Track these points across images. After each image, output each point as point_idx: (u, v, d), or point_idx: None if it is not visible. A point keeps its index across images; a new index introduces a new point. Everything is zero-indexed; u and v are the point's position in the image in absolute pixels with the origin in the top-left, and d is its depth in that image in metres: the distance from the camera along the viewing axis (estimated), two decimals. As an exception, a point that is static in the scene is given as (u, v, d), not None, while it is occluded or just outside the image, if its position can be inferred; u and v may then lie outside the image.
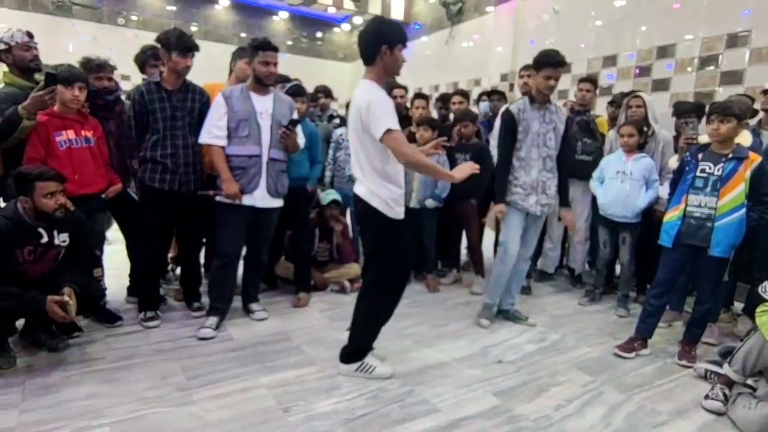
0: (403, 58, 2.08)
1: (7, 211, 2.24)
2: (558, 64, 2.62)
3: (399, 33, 2.03)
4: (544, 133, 2.76)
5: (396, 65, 2.07)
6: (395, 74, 2.13)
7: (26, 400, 1.98)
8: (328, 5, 8.51)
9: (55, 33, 7.93)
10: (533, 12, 6.04)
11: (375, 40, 2.01)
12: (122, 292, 3.11)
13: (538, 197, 2.79)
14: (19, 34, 2.64)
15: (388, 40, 2.00)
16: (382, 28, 2.03)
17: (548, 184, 2.81)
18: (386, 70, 2.07)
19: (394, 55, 2.03)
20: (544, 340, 2.86)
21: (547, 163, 2.79)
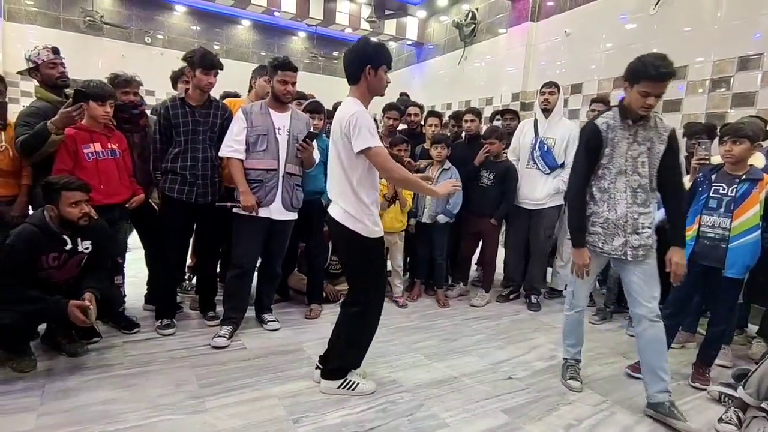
0: (388, 79, 2.11)
1: (34, 219, 2.33)
2: (661, 77, 1.98)
3: (383, 54, 2.07)
4: (634, 157, 2.15)
5: (380, 85, 2.09)
6: (379, 94, 2.14)
7: (45, 403, 2.04)
8: (345, 26, 8.73)
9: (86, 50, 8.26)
10: (545, 34, 6.14)
11: (359, 60, 2.05)
12: (140, 300, 3.18)
13: (627, 238, 2.19)
14: (45, 52, 2.74)
15: (372, 61, 2.03)
16: (367, 49, 2.06)
17: (641, 221, 2.18)
18: (370, 90, 2.10)
19: (378, 75, 2.06)
20: (554, 357, 2.84)
21: (639, 195, 2.17)
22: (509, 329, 3.29)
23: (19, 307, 2.15)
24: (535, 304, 3.71)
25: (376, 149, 1.96)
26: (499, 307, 3.76)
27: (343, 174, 2.08)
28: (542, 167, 3.54)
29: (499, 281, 4.29)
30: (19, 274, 2.20)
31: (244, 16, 9.59)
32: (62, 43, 3.25)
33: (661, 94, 2.05)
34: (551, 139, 3.53)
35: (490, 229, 3.70)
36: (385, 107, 4.06)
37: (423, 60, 9.22)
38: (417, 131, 4.10)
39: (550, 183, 3.55)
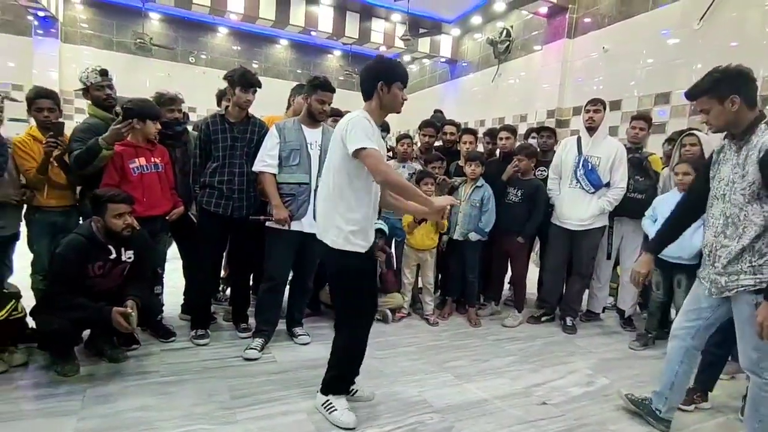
0: (404, 96, 2.08)
1: (82, 229, 2.45)
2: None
3: (397, 71, 2.05)
4: (732, 182, 1.90)
5: (395, 102, 2.06)
6: (395, 111, 2.11)
7: (85, 407, 2.11)
8: (379, 44, 8.90)
9: (136, 70, 8.76)
10: (581, 51, 6.06)
11: (372, 76, 2.03)
12: (177, 309, 3.28)
13: (706, 269, 2.03)
14: (93, 75, 2.87)
15: (384, 77, 2.02)
16: (379, 66, 2.06)
17: (719, 254, 1.94)
18: (384, 106, 2.07)
19: (392, 92, 2.04)
20: (591, 384, 2.73)
21: (729, 226, 1.91)
22: (543, 352, 3.19)
23: (66, 313, 2.26)
24: (571, 327, 3.58)
25: (369, 150, 1.89)
26: (532, 329, 3.65)
27: (333, 181, 2.03)
28: (586, 186, 3.42)
29: (530, 301, 4.18)
30: (68, 281, 2.31)
31: (283, 36, 9.94)
32: (114, 63, 3.48)
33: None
34: (596, 157, 3.42)
35: (517, 248, 3.63)
36: (422, 124, 4.09)
37: (456, 77, 9.25)
38: (453, 149, 4.10)
39: (594, 203, 3.41)
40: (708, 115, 1.94)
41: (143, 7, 8.50)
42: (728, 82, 1.86)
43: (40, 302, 2.47)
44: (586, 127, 3.48)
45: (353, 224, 2.01)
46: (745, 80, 1.87)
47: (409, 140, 3.88)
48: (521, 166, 3.54)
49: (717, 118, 1.92)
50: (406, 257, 3.64)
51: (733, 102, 1.85)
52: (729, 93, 1.85)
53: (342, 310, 2.21)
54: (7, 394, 2.16)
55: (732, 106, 1.85)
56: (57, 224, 2.75)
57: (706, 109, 1.94)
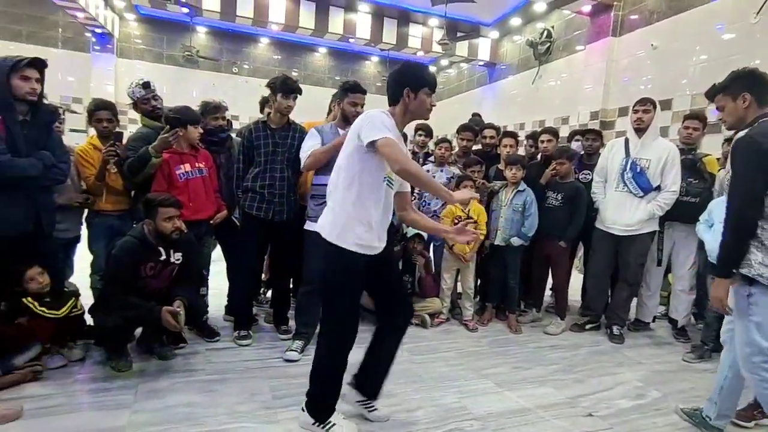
0: (432, 102, 2.00)
1: (135, 232, 2.58)
2: None
3: (424, 77, 1.99)
4: None
5: (422, 108, 1.98)
6: (422, 117, 2.04)
7: (137, 402, 2.21)
8: (417, 49, 8.91)
9: (183, 81, 9.19)
10: (628, 49, 5.83)
11: (399, 82, 1.98)
12: (221, 311, 3.38)
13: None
14: (138, 89, 3.03)
15: (411, 83, 1.95)
16: (406, 72, 2.00)
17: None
18: (410, 112, 2.00)
19: (419, 98, 1.96)
20: (642, 396, 2.60)
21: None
22: (588, 361, 3.06)
23: (121, 311, 2.39)
24: (618, 336, 3.42)
25: (387, 139, 1.80)
26: (576, 337, 3.52)
27: (343, 177, 1.94)
28: (634, 190, 3.27)
29: (574, 308, 4.04)
30: (122, 281, 2.44)
31: (321, 44, 10.14)
32: (163, 75, 3.68)
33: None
34: (645, 159, 3.26)
35: (559, 253, 3.51)
36: (460, 128, 4.06)
37: (495, 80, 9.13)
38: (492, 153, 4.03)
39: (643, 207, 3.25)
40: (723, 113, 2.07)
41: (191, 21, 8.90)
42: (742, 80, 2.00)
43: (97, 301, 2.62)
44: (635, 128, 3.32)
45: (353, 219, 1.91)
46: (758, 80, 1.97)
47: (448, 144, 3.85)
48: (561, 170, 3.44)
49: (730, 115, 2.04)
50: (446, 262, 3.60)
51: (744, 99, 1.97)
52: (741, 90, 1.98)
53: (324, 317, 2.03)
54: (67, 387, 2.30)
55: (743, 103, 1.97)
56: (114, 227, 2.91)
57: (722, 106, 2.08)
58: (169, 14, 8.50)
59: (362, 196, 1.91)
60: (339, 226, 1.91)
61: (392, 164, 1.82)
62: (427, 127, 4.41)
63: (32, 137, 2.30)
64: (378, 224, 1.97)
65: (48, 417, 2.03)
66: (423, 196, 3.79)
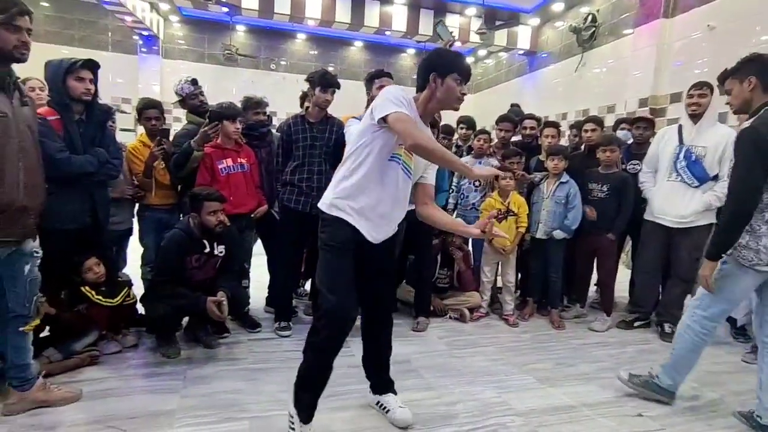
0: (462, 90, 1.85)
1: (182, 225, 2.68)
2: None
3: (454, 62, 1.85)
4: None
5: (449, 96, 1.84)
6: (450, 107, 1.89)
7: (186, 387, 2.31)
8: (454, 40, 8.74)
9: (224, 79, 9.46)
10: (681, 31, 5.49)
11: (425, 68, 1.87)
12: (262, 302, 3.47)
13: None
14: (186, 86, 3.17)
15: (438, 69, 1.83)
16: (434, 56, 1.89)
17: None
18: (436, 100, 1.86)
19: (446, 84, 1.82)
20: (696, 398, 2.46)
21: None
22: (636, 360, 2.93)
23: (170, 300, 2.50)
24: (670, 334, 3.24)
25: (400, 114, 1.70)
26: (623, 334, 3.37)
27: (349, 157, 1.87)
28: (688, 179, 3.08)
29: (620, 305, 3.87)
30: (171, 272, 2.55)
31: (357, 37, 10.14)
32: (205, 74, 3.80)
33: None
34: (701, 147, 3.06)
35: (605, 246, 3.37)
36: (498, 119, 3.97)
37: (535, 69, 8.85)
38: (532, 144, 3.91)
39: (698, 198, 3.06)
40: (730, 96, 2.12)
41: (230, 20, 9.13)
42: (751, 64, 2.04)
43: (148, 290, 2.75)
44: (690, 114, 3.12)
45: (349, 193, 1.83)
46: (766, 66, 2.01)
47: (486, 136, 3.77)
48: (612, 158, 3.30)
49: (735, 98, 2.10)
50: (486, 255, 3.54)
51: (750, 82, 2.02)
52: (748, 74, 2.03)
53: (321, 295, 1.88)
54: (121, 372, 2.43)
55: (748, 86, 2.03)
56: (162, 221, 3.04)
57: (730, 89, 2.13)
58: (210, 14, 8.74)
59: (368, 176, 1.82)
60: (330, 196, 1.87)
61: (404, 138, 1.71)
62: (470, 120, 4.34)
63: (88, 135, 2.42)
64: (380, 205, 1.85)
65: (104, 399, 2.15)
66: (461, 188, 3.73)
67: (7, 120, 1.75)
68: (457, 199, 3.76)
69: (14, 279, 1.90)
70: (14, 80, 1.84)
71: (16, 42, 1.76)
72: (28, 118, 1.89)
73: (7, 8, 1.72)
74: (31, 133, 1.91)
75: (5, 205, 1.76)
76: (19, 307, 1.93)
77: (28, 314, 1.96)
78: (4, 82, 1.78)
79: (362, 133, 1.85)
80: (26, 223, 1.86)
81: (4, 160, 1.74)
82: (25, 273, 1.92)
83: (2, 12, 1.72)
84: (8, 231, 1.79)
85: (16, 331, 1.94)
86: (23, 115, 1.85)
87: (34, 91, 2.93)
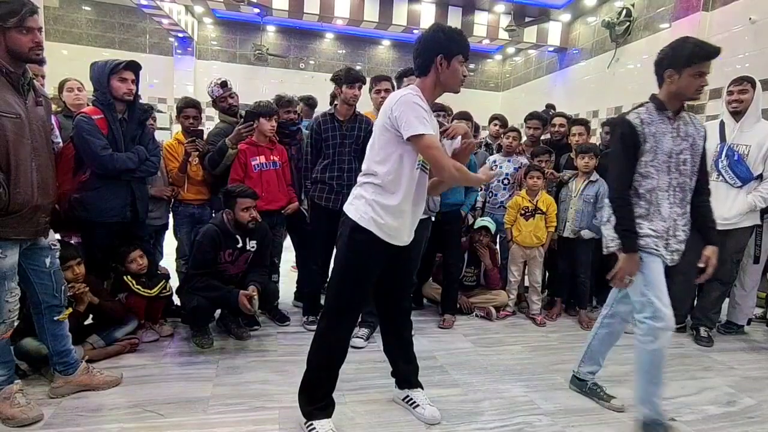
0: (465, 72, 1.81)
1: (216, 220, 2.78)
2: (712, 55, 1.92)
3: (459, 42, 1.77)
4: (677, 154, 2.00)
5: (454, 79, 1.79)
6: (453, 90, 1.84)
7: (219, 376, 2.39)
8: (483, 37, 8.66)
9: (254, 79, 9.66)
10: (721, 24, 5.28)
11: (430, 48, 1.77)
12: (291, 297, 3.54)
13: (668, 241, 2.04)
14: (216, 88, 3.25)
15: (445, 50, 1.75)
16: (439, 36, 1.77)
17: (678, 224, 2.05)
18: (441, 84, 1.81)
19: (452, 67, 1.77)
20: (732, 403, 2.38)
21: (677, 194, 2.03)
22: (669, 363, 2.81)
23: (204, 292, 2.59)
24: (706, 338, 3.15)
25: (428, 139, 1.68)
26: (657, 337, 3.28)
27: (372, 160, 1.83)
28: (730, 179, 2.97)
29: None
30: (205, 265, 2.64)
31: (385, 36, 10.16)
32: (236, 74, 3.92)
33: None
34: (744, 146, 2.95)
35: None
36: (527, 116, 3.94)
37: (566, 66, 8.66)
38: (562, 142, 3.85)
39: (741, 198, 2.95)
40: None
41: (261, 21, 9.30)
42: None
43: (183, 283, 2.86)
44: (731, 111, 3.01)
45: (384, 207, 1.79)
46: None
47: (516, 133, 3.74)
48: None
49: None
50: (513, 254, 3.51)
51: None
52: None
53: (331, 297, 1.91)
54: (158, 360, 2.54)
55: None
56: (194, 216, 3.15)
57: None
58: (241, 15, 8.93)
59: (397, 186, 1.79)
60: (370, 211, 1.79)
61: (436, 168, 1.74)
62: (503, 117, 4.32)
63: (129, 133, 2.54)
64: (409, 215, 1.85)
65: (143, 385, 2.26)
66: (490, 187, 3.71)
67: (21, 122, 1.78)
68: (486, 197, 3.74)
69: (39, 272, 1.97)
70: (29, 81, 1.87)
71: (31, 44, 1.78)
72: (41, 118, 1.91)
73: (17, 11, 1.73)
74: (44, 131, 1.92)
75: (20, 206, 1.79)
76: (50, 298, 2.02)
77: (59, 304, 2.05)
78: (19, 83, 1.81)
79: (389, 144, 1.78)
80: (38, 222, 1.89)
81: (19, 162, 1.77)
82: (47, 265, 1.99)
83: (12, 15, 1.72)
84: (20, 230, 1.82)
85: (52, 321, 2.04)
86: (37, 115, 1.88)
87: (73, 92, 3.07)
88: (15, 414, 1.87)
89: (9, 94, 1.77)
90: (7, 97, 1.76)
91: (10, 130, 1.74)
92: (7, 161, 1.74)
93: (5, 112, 1.74)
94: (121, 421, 1.96)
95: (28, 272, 1.95)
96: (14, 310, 1.89)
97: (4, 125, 1.73)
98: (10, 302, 1.86)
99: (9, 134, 1.74)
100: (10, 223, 1.78)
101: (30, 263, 1.94)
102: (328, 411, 1.96)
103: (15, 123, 1.76)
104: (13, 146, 1.75)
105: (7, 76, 1.78)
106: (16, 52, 1.77)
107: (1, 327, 1.87)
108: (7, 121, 1.74)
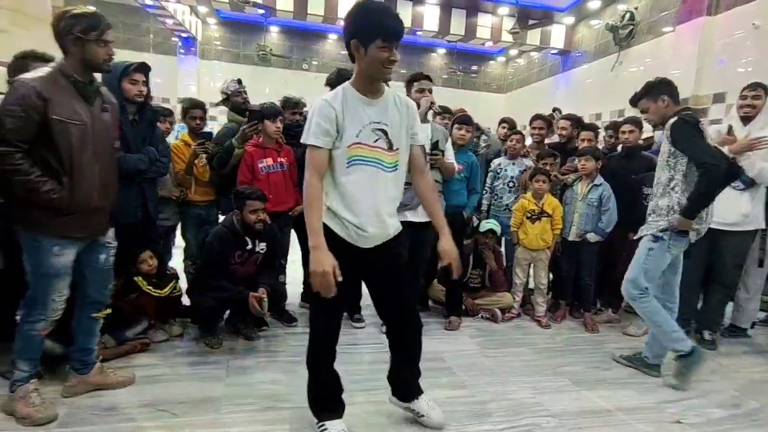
0: (391, 57, 1.56)
1: (226, 222, 2.80)
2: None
3: (376, 23, 1.53)
4: None
5: (375, 66, 1.56)
6: (379, 78, 1.63)
7: (229, 376, 2.42)
8: (485, 39, 8.69)
9: (258, 80, 9.67)
10: (724, 29, 5.31)
11: (347, 32, 1.59)
12: (297, 298, 3.56)
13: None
14: (233, 84, 3.33)
15: (358, 34, 1.54)
16: (353, 19, 1.57)
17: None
18: (364, 74, 1.61)
19: (370, 54, 1.54)
20: (737, 406, 2.41)
21: None
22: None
23: (215, 293, 2.62)
24: (710, 342, 3.17)
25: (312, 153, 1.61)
26: (660, 340, 3.31)
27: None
28: (736, 183, 3.01)
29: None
30: (215, 267, 2.66)
31: (388, 38, 10.15)
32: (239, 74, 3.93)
33: None
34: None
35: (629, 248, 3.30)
36: (532, 118, 3.96)
37: (569, 69, 8.69)
38: (569, 145, 3.87)
39: (745, 201, 2.99)
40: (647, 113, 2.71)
41: (265, 21, 9.32)
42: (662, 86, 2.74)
43: (193, 283, 2.89)
44: (741, 116, 3.04)
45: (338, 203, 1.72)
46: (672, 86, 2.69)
47: (520, 136, 3.76)
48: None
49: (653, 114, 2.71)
50: (518, 257, 3.53)
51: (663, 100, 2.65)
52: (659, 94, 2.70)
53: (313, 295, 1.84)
54: (169, 359, 2.56)
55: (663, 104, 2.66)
56: (201, 216, 3.17)
57: (646, 108, 2.77)
58: (245, 16, 8.95)
59: (328, 187, 1.72)
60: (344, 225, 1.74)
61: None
62: (511, 121, 4.36)
63: (140, 135, 2.56)
64: (354, 216, 1.72)
65: (154, 384, 2.28)
66: (495, 190, 3.73)
67: (85, 128, 1.88)
68: (491, 200, 3.76)
69: (93, 267, 2.06)
70: (96, 88, 1.97)
71: (106, 56, 1.91)
72: (106, 123, 2.00)
73: (97, 25, 1.86)
74: (108, 136, 2.04)
75: (81, 206, 1.90)
76: (97, 294, 2.10)
77: (104, 301, 2.13)
78: (87, 91, 1.91)
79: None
80: (98, 222, 2.03)
81: (82, 166, 1.88)
82: (101, 262, 2.08)
83: (93, 29, 1.85)
84: (79, 229, 1.94)
85: (89, 317, 2.11)
86: (102, 121, 1.97)
87: None
88: (30, 413, 1.90)
89: (76, 101, 1.87)
90: (74, 105, 1.86)
91: (74, 136, 1.84)
92: (70, 164, 1.85)
93: (71, 119, 1.84)
94: (135, 420, 1.99)
95: (83, 266, 2.03)
96: (58, 309, 1.97)
97: (69, 131, 1.83)
98: (56, 302, 1.94)
99: (73, 140, 1.84)
100: (70, 223, 1.89)
101: (86, 258, 2.03)
102: (338, 412, 1.98)
103: (80, 129, 1.86)
104: (76, 151, 1.86)
105: (74, 85, 1.86)
106: (91, 63, 1.89)
107: (42, 323, 1.93)
108: (73, 128, 1.84)
